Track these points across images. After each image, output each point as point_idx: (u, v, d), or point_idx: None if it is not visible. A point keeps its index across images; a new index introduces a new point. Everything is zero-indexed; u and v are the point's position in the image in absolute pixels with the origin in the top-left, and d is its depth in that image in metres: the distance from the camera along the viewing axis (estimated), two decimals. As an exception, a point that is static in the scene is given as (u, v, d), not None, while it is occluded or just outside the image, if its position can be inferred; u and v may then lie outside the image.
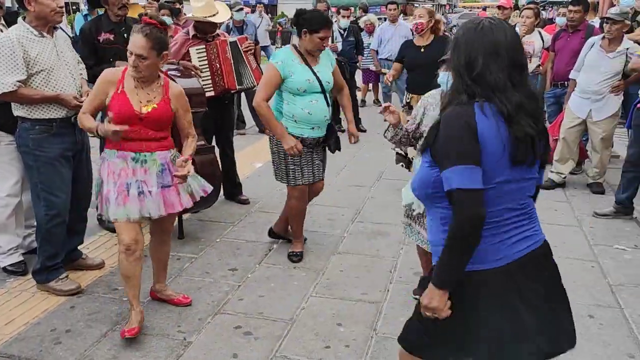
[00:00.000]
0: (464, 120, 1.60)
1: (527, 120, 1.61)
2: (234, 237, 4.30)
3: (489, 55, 1.62)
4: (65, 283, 3.39)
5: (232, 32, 7.31)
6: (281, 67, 3.56)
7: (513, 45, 1.64)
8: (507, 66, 1.62)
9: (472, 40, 1.65)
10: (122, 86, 2.84)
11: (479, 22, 1.67)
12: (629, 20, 5.02)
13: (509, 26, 1.69)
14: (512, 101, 1.60)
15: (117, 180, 2.84)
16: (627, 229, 4.46)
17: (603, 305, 3.30)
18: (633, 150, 4.58)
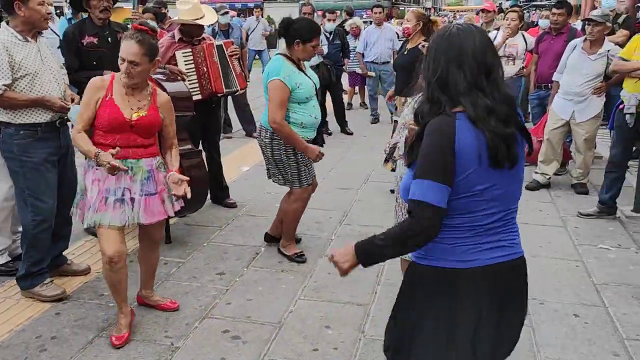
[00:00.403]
0: (442, 133, 1.61)
1: (498, 124, 1.60)
2: (221, 241, 4.29)
3: (454, 61, 1.63)
4: (50, 288, 3.35)
5: (218, 36, 7.29)
6: (288, 81, 3.56)
7: (481, 50, 1.64)
8: (474, 71, 1.62)
9: (439, 47, 1.67)
10: (111, 93, 2.80)
11: (448, 29, 1.69)
12: (610, 23, 5.09)
13: (479, 32, 1.70)
14: (479, 105, 1.60)
15: (101, 188, 2.81)
16: (610, 229, 4.52)
17: (588, 304, 3.34)
18: (615, 151, 4.65)
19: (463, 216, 1.66)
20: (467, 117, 1.60)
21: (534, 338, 2.98)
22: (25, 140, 3.20)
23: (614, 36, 5.93)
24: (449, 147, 1.59)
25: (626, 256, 4.01)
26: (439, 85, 1.65)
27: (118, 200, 2.81)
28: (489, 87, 1.63)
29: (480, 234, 1.68)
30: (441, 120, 1.63)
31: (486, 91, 1.62)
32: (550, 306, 3.31)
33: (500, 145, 1.59)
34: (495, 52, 1.71)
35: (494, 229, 1.70)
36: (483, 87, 1.62)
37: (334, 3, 11.51)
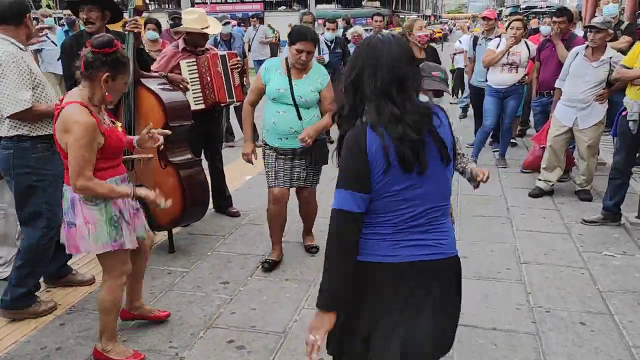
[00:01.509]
0: (354, 143, 1.69)
1: (404, 130, 1.66)
2: (225, 250, 4.29)
3: (369, 67, 1.71)
4: (42, 303, 3.32)
5: (220, 46, 7.33)
6: (263, 73, 3.82)
7: (396, 60, 1.71)
8: (385, 80, 1.69)
9: (358, 55, 1.76)
10: (101, 122, 2.60)
11: (372, 38, 1.78)
12: (612, 29, 5.10)
13: (398, 42, 1.76)
14: (384, 113, 1.68)
15: (122, 207, 2.71)
16: (615, 236, 4.50)
17: (594, 311, 3.33)
18: (619, 157, 4.64)
19: (385, 215, 1.75)
20: (370, 124, 1.69)
21: (541, 347, 2.97)
22: (43, 153, 3.14)
23: (616, 42, 5.94)
24: (361, 155, 1.67)
25: (631, 263, 3.99)
26: (352, 88, 1.74)
27: (137, 209, 2.85)
28: (399, 96, 1.70)
29: (403, 231, 1.76)
30: (354, 131, 1.72)
31: (395, 100, 1.69)
32: (556, 314, 3.29)
33: (405, 150, 1.67)
34: (411, 62, 1.77)
35: (417, 227, 1.77)
36: (392, 96, 1.69)
37: (334, 12, 11.54)
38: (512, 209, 5.18)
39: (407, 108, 1.70)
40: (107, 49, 2.53)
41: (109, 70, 2.54)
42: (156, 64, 4.62)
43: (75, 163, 2.49)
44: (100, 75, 2.54)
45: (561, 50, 5.79)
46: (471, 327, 3.15)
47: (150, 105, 3.90)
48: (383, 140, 1.66)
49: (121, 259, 2.75)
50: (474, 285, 3.66)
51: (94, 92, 2.59)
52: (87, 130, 2.48)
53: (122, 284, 2.79)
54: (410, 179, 1.71)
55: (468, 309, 3.34)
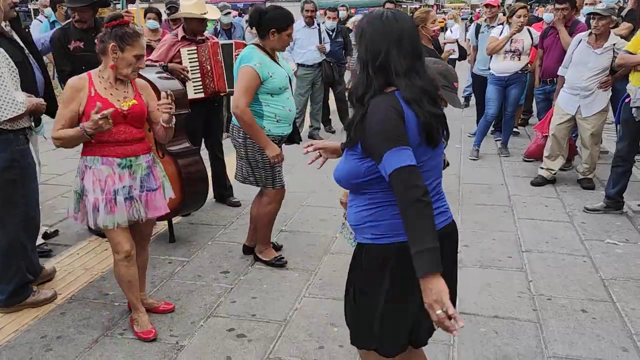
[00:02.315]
0: (392, 106, 1.66)
1: (431, 104, 1.69)
2: (225, 239, 4.28)
3: (393, 43, 1.69)
4: (41, 293, 3.31)
5: (221, 35, 7.29)
6: (260, 69, 3.40)
7: (414, 34, 1.74)
8: (410, 54, 1.70)
9: (377, 30, 1.71)
10: (95, 89, 2.74)
11: (383, 12, 1.74)
12: (615, 16, 5.04)
13: (410, 17, 1.79)
14: (415, 86, 1.68)
15: (104, 188, 2.76)
16: (617, 224, 4.48)
17: (596, 299, 3.31)
18: (622, 145, 4.61)
19: None
20: (402, 97, 1.68)
21: (542, 334, 2.96)
22: (23, 146, 3.11)
23: (617, 29, 5.87)
24: (401, 121, 1.66)
25: (634, 251, 3.97)
26: (378, 68, 1.70)
27: (128, 198, 2.82)
28: (421, 69, 1.73)
29: None
30: (387, 99, 1.69)
31: (420, 73, 1.71)
32: (557, 302, 3.28)
33: (434, 125, 1.70)
34: (420, 37, 1.83)
35: (435, 197, 1.81)
36: (417, 70, 1.71)
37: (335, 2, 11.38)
38: (514, 198, 5.15)
39: (427, 80, 1.73)
40: (114, 22, 2.74)
41: (115, 41, 2.71)
42: (155, 52, 4.59)
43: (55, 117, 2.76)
44: (107, 47, 2.72)
45: (564, 35, 5.74)
46: (472, 315, 3.14)
47: (147, 94, 3.86)
48: (418, 115, 1.66)
49: (112, 237, 2.85)
50: (476, 273, 3.65)
51: (106, 65, 2.78)
52: (68, 88, 2.74)
53: (118, 259, 2.87)
54: (429, 152, 1.74)
55: (469, 297, 3.33)
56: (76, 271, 3.74)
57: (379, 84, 1.70)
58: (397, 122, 1.64)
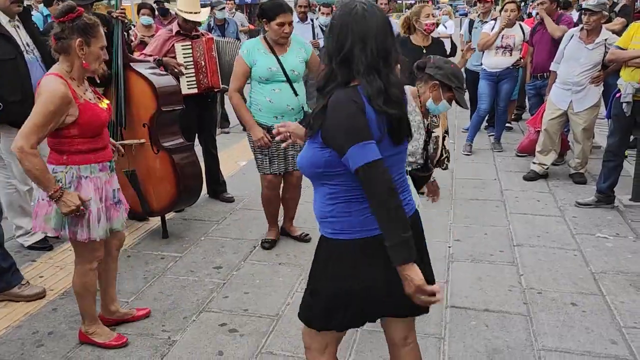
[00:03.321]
0: (353, 101, 1.67)
1: (389, 105, 1.69)
2: (218, 235, 4.28)
3: (358, 41, 1.68)
4: (28, 288, 3.30)
5: (214, 31, 7.27)
6: (246, 55, 3.67)
7: (383, 33, 1.71)
8: (374, 53, 1.69)
9: (344, 24, 1.71)
10: (77, 95, 2.49)
11: (354, 7, 1.72)
12: (606, 11, 5.06)
13: (382, 14, 1.75)
14: (374, 86, 1.68)
15: (102, 195, 2.65)
16: (608, 218, 4.50)
17: (585, 292, 3.33)
18: (613, 140, 4.63)
19: None
20: (364, 93, 1.69)
21: (531, 327, 2.98)
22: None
23: (610, 24, 5.90)
24: (363, 115, 1.67)
25: (624, 245, 4.00)
26: (341, 61, 1.71)
27: (116, 202, 2.77)
28: (385, 70, 1.71)
29: None
30: (349, 92, 1.69)
31: (382, 73, 1.70)
32: (548, 295, 3.30)
33: (396, 123, 1.73)
34: (393, 34, 1.77)
35: (400, 189, 1.82)
36: (380, 69, 1.70)
37: (331, -3, 11.27)
38: (506, 193, 5.17)
39: (391, 81, 1.72)
40: (71, 14, 2.44)
41: (80, 36, 2.45)
42: (149, 47, 4.59)
43: (27, 122, 2.38)
44: (73, 44, 2.45)
45: (549, 23, 5.81)
46: (463, 309, 3.16)
47: (142, 90, 3.88)
48: (377, 111, 1.68)
49: (90, 247, 2.66)
50: (467, 267, 3.67)
51: (72, 65, 2.51)
52: (53, 97, 2.38)
53: (90, 268, 2.72)
54: (391, 148, 1.76)
55: (460, 291, 3.35)
56: (68, 267, 3.72)
57: (341, 77, 1.72)
58: (360, 116, 1.66)
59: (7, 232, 4.15)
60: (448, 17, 10.21)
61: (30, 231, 3.91)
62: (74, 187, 2.55)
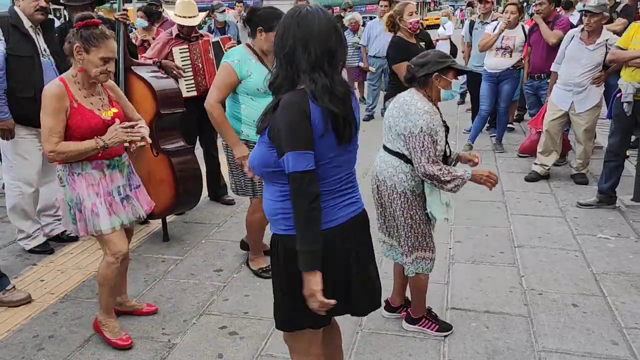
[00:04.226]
0: (298, 106, 1.74)
1: (335, 103, 1.75)
2: (219, 238, 4.29)
3: (300, 40, 1.76)
4: (14, 294, 3.31)
5: (214, 33, 7.28)
6: (238, 66, 3.29)
7: (326, 34, 1.77)
8: (317, 53, 1.75)
9: (289, 25, 1.79)
10: (75, 99, 2.63)
11: (298, 10, 1.81)
12: (607, 12, 5.04)
13: (326, 16, 1.81)
14: (318, 84, 1.74)
15: (98, 191, 2.72)
16: (610, 218, 4.49)
17: (587, 293, 3.32)
18: (614, 140, 4.62)
19: (324, 181, 1.83)
20: (310, 93, 1.75)
21: (532, 328, 2.97)
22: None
23: (612, 24, 5.89)
24: (305, 118, 1.73)
25: (625, 245, 3.98)
26: (286, 61, 1.79)
27: (124, 198, 2.82)
28: (330, 69, 1.78)
29: (338, 194, 1.89)
30: (295, 95, 1.77)
31: (327, 73, 1.77)
32: (548, 296, 3.29)
33: (340, 121, 1.78)
34: (340, 37, 1.82)
35: (345, 190, 1.91)
36: (324, 69, 1.77)
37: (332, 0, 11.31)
38: (508, 193, 5.16)
39: (336, 80, 1.79)
40: (80, 22, 2.60)
41: (80, 42, 2.58)
42: (150, 50, 4.61)
43: (42, 129, 2.59)
44: (73, 48, 2.60)
45: (543, 29, 5.81)
46: (464, 311, 3.15)
47: (142, 93, 3.89)
48: (322, 109, 1.74)
49: (106, 240, 2.76)
50: (468, 269, 3.66)
51: (76, 69, 2.66)
52: (50, 98, 2.57)
53: (111, 262, 2.77)
54: (340, 147, 1.82)
55: (461, 293, 3.35)
56: (69, 270, 3.74)
57: (288, 76, 1.79)
58: (303, 124, 1.73)
59: (10, 236, 4.21)
60: (447, 19, 10.19)
61: (32, 235, 3.93)
62: (69, 184, 2.70)
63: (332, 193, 1.86)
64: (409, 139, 2.59)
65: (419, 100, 2.62)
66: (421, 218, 2.74)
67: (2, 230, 4.36)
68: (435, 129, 2.59)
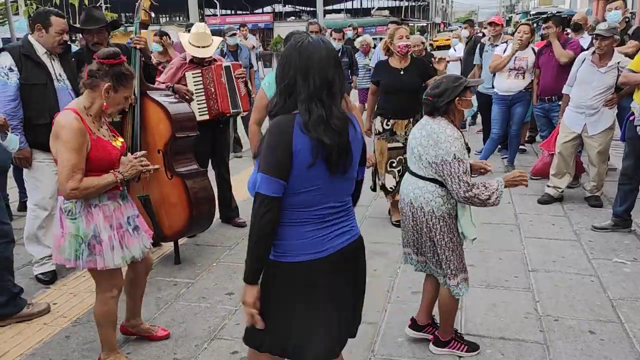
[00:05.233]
0: (283, 132, 1.80)
1: (329, 134, 1.79)
2: (230, 260, 4.28)
3: (300, 71, 1.81)
4: (35, 306, 3.42)
5: (227, 57, 7.38)
6: (267, 88, 3.63)
7: (326, 65, 1.83)
8: (317, 84, 1.80)
9: (290, 55, 1.85)
10: (91, 131, 2.58)
11: (300, 40, 1.87)
12: (618, 36, 5.05)
13: (327, 47, 1.87)
14: (314, 114, 1.79)
15: (112, 223, 2.67)
16: (626, 242, 4.43)
17: (604, 320, 3.27)
18: (628, 163, 4.58)
19: (305, 210, 1.87)
20: (298, 121, 1.80)
21: (549, 356, 2.92)
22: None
23: (623, 47, 5.88)
24: (287, 145, 1.78)
25: (642, 270, 3.93)
26: (286, 91, 1.84)
27: (134, 229, 2.79)
28: (328, 99, 1.82)
29: (326, 226, 1.91)
30: (281, 120, 1.83)
31: (325, 104, 1.81)
32: (565, 322, 3.24)
33: (334, 152, 1.80)
34: (338, 67, 1.88)
35: (337, 219, 1.94)
36: (322, 100, 1.81)
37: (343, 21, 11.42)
38: (521, 216, 5.12)
39: (333, 112, 1.82)
40: (112, 60, 2.57)
41: (110, 81, 2.57)
42: (164, 75, 4.68)
43: (63, 167, 2.49)
44: (102, 85, 2.57)
45: (557, 48, 5.84)
46: (478, 336, 3.11)
47: (157, 117, 3.93)
48: (312, 140, 1.78)
49: (107, 275, 2.69)
50: (482, 293, 3.62)
51: (93, 102, 2.61)
52: (74, 133, 2.48)
53: (111, 296, 2.74)
54: (331, 176, 1.85)
55: (475, 318, 3.31)
56: (82, 294, 3.75)
57: (286, 105, 1.84)
58: (282, 150, 1.78)
59: (24, 259, 4.24)
60: (458, 40, 10.22)
61: (40, 261, 3.94)
62: (84, 216, 2.59)
63: (320, 222, 1.90)
64: (442, 166, 2.62)
65: (447, 127, 2.66)
66: (459, 240, 2.80)
67: (17, 253, 4.37)
68: (464, 152, 2.65)
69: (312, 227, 1.88)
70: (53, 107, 3.67)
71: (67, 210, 2.59)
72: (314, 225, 1.88)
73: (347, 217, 1.99)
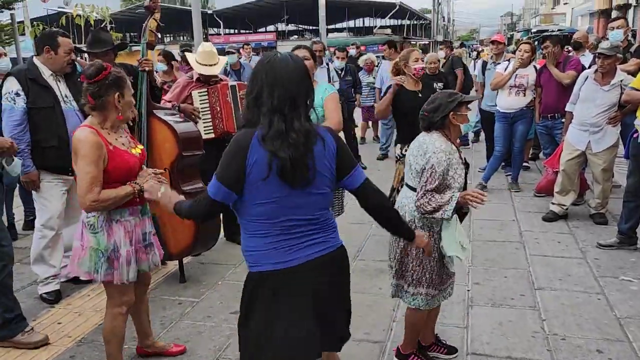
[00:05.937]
0: (240, 147, 1.88)
1: (284, 148, 1.84)
2: (235, 279, 4.27)
3: (266, 86, 1.88)
4: (32, 335, 3.30)
5: (230, 76, 7.44)
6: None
7: (290, 79, 1.89)
8: (280, 98, 1.86)
9: (259, 71, 1.93)
10: (108, 142, 2.60)
11: (271, 57, 1.95)
12: (620, 54, 5.08)
13: (295, 63, 1.94)
14: (273, 128, 1.85)
15: (132, 238, 2.70)
16: (632, 260, 4.41)
17: (611, 339, 3.24)
18: (632, 180, 4.58)
19: (268, 222, 1.93)
20: (260, 136, 1.86)
21: (556, 375, 2.90)
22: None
23: (625, 65, 5.92)
24: (241, 157, 1.86)
25: (649, 288, 3.90)
26: (252, 105, 1.91)
27: (147, 245, 2.81)
28: (290, 113, 1.87)
29: (293, 237, 1.96)
30: (241, 134, 1.91)
31: (286, 117, 1.86)
32: (572, 342, 3.22)
33: (287, 166, 1.84)
34: (305, 81, 1.93)
35: (306, 232, 1.98)
36: (284, 113, 1.86)
37: (346, 40, 11.53)
38: (526, 234, 5.11)
39: (294, 125, 1.87)
40: (105, 72, 2.58)
41: (116, 90, 2.60)
42: (170, 93, 4.72)
43: (83, 180, 2.52)
44: (111, 99, 2.59)
45: (556, 74, 5.92)
46: (485, 356, 3.09)
47: (164, 136, 3.96)
48: (267, 152, 1.84)
49: (120, 289, 2.72)
50: (488, 312, 3.60)
51: (106, 118, 2.63)
52: (90, 145, 2.52)
53: (120, 313, 2.76)
54: (285, 189, 1.90)
55: (481, 337, 3.28)
56: (87, 313, 3.74)
57: (253, 119, 1.91)
58: (236, 159, 1.87)
59: (28, 278, 4.24)
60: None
61: (44, 280, 3.92)
62: (106, 230, 2.62)
63: (286, 234, 1.95)
64: (420, 174, 2.69)
65: (437, 140, 2.70)
66: (435, 257, 2.76)
67: (22, 272, 4.38)
68: (454, 166, 2.65)
69: (276, 239, 1.94)
70: (61, 129, 3.71)
71: (89, 224, 2.62)
72: (278, 237, 1.94)
73: (322, 229, 2.02)
